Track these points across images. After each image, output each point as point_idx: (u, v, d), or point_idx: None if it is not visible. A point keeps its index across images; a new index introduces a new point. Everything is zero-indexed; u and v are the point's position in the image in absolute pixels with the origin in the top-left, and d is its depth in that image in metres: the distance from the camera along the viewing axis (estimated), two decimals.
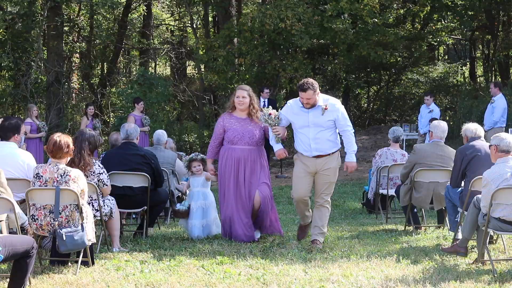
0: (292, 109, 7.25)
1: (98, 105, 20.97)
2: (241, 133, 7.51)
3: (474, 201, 6.65)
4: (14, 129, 7.17)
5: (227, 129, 7.58)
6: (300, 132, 7.23)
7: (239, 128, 7.53)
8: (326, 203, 7.34)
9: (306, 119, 7.13)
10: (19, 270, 5.17)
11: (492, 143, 6.51)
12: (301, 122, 7.18)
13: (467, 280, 5.85)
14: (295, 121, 7.23)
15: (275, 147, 7.33)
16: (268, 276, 6.02)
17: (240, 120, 7.58)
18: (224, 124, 7.61)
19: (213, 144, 7.74)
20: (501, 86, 14.06)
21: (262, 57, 18.53)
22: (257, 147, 7.58)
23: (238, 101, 7.55)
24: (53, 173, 6.18)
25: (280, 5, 17.04)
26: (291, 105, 7.29)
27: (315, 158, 7.18)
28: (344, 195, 12.81)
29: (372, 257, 6.75)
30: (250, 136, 7.52)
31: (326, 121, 7.12)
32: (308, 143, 7.17)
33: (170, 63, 27.66)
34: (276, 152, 7.36)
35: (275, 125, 7.24)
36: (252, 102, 7.55)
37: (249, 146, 7.52)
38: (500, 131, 10.67)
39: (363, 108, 25.80)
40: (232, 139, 7.54)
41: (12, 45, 18.63)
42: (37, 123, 14.16)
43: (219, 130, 7.65)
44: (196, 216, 7.99)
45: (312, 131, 7.13)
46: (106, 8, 21.64)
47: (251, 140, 7.52)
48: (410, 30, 23.85)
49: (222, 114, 7.80)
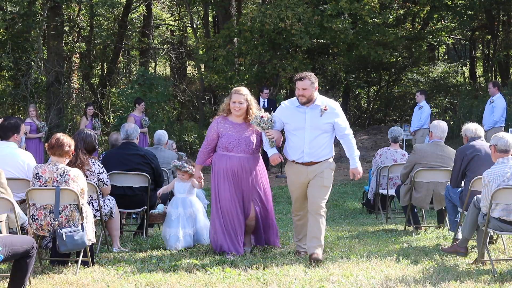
0: (288, 109, 6.78)
1: (98, 105, 20.97)
2: (237, 140, 6.88)
3: (474, 201, 6.66)
4: (14, 129, 7.18)
5: (221, 135, 6.94)
6: (294, 135, 6.72)
7: (235, 135, 6.89)
8: (322, 211, 6.69)
9: (303, 120, 6.65)
10: (19, 270, 5.17)
11: (491, 143, 6.52)
12: (296, 123, 6.69)
13: (467, 280, 5.85)
14: (290, 122, 6.73)
15: (269, 152, 6.78)
16: (268, 276, 6.02)
17: (236, 125, 6.93)
18: (218, 129, 6.96)
19: (204, 149, 7.07)
20: (499, 86, 14.08)
21: (262, 57, 18.54)
22: (253, 156, 6.96)
23: (234, 107, 6.90)
24: (52, 173, 6.18)
25: (280, 5, 17.05)
26: (286, 105, 6.84)
27: (306, 166, 6.69)
28: (344, 195, 12.81)
29: (372, 257, 6.75)
30: (246, 143, 6.90)
31: (324, 124, 6.65)
32: (301, 147, 6.66)
33: (170, 63, 27.65)
34: (271, 158, 6.76)
35: (268, 128, 6.70)
36: (250, 107, 6.91)
37: (245, 154, 6.90)
38: (500, 131, 10.69)
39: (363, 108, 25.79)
40: (226, 145, 6.90)
41: (12, 45, 18.63)
42: (36, 123, 14.17)
43: (212, 135, 6.98)
44: (174, 224, 7.36)
45: (308, 134, 6.64)
46: (106, 8, 21.63)
47: (247, 148, 6.90)
48: (410, 30, 23.85)
49: (216, 117, 7.10)
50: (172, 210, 7.42)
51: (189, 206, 7.45)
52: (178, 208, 7.41)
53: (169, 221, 7.39)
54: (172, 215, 7.39)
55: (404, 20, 24.11)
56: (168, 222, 7.39)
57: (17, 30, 18.83)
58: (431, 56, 25.72)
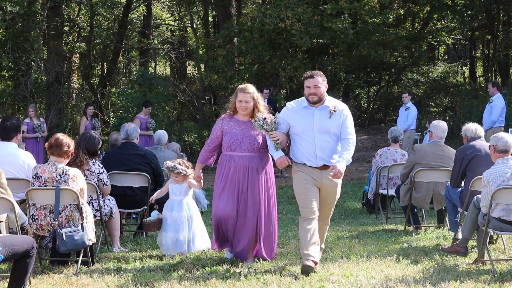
0: (294, 110, 6.34)
1: (98, 105, 20.97)
2: (240, 138, 6.50)
3: (474, 201, 6.66)
4: (16, 129, 7.21)
5: (225, 133, 6.58)
6: (302, 138, 6.28)
7: (239, 132, 6.52)
8: (327, 221, 6.62)
9: (311, 122, 6.23)
10: (19, 270, 5.18)
11: (491, 143, 6.52)
12: (304, 125, 6.25)
13: (467, 280, 5.85)
14: (297, 125, 6.29)
15: (274, 155, 6.31)
16: (268, 276, 6.02)
17: (241, 123, 6.57)
18: (222, 126, 6.61)
19: (207, 147, 6.70)
20: (499, 86, 14.13)
21: (262, 56, 18.55)
22: (259, 154, 6.53)
23: (240, 106, 6.54)
24: (51, 172, 6.19)
25: (280, 5, 17.05)
26: (293, 106, 6.39)
27: (320, 170, 6.25)
28: (344, 195, 12.80)
29: (372, 257, 6.75)
30: (250, 141, 6.49)
31: (333, 126, 6.23)
32: (313, 151, 6.22)
33: (170, 63, 27.65)
34: (277, 161, 6.27)
35: (271, 130, 6.27)
36: (257, 105, 6.56)
37: (249, 153, 6.49)
38: (499, 131, 10.70)
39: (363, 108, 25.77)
40: (230, 144, 6.53)
41: (12, 45, 18.62)
42: (34, 123, 14.15)
43: (216, 133, 6.63)
44: (169, 228, 6.93)
45: (318, 137, 6.21)
46: (106, 8, 21.63)
47: (251, 146, 6.49)
48: (410, 30, 23.85)
49: (222, 115, 6.77)
50: (167, 214, 6.97)
51: (185, 209, 6.95)
52: (173, 211, 6.95)
53: (164, 225, 6.97)
54: (167, 219, 6.95)
55: (404, 20, 24.10)
56: (163, 226, 6.97)
57: (17, 30, 18.82)
58: (431, 56, 25.71)
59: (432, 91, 23.65)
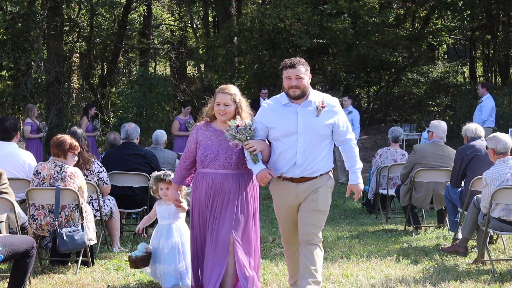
0: (272, 109, 5.15)
1: (98, 105, 20.97)
2: (215, 152, 5.27)
3: (474, 201, 6.66)
4: (15, 129, 7.26)
5: (199, 145, 5.35)
6: (282, 143, 5.08)
7: (214, 144, 5.29)
8: (317, 241, 5.07)
9: (294, 121, 5.04)
10: (19, 270, 5.18)
11: (489, 146, 6.52)
12: (286, 126, 5.05)
13: (467, 280, 5.86)
14: (278, 126, 5.08)
15: (253, 169, 5.10)
16: (268, 276, 6.02)
17: (219, 133, 5.33)
18: (197, 137, 5.39)
19: (182, 165, 5.45)
20: (489, 87, 14.32)
21: (261, 56, 18.56)
22: (237, 172, 5.28)
23: (218, 110, 5.33)
24: (50, 169, 6.25)
25: (279, 5, 17.06)
26: (270, 104, 5.20)
27: (296, 184, 5.08)
28: (344, 195, 12.78)
29: (372, 257, 6.76)
30: (226, 156, 5.26)
31: (322, 126, 5.05)
32: (292, 157, 5.04)
33: (170, 63, 27.65)
34: (257, 176, 5.09)
35: (247, 139, 5.04)
36: (238, 110, 5.31)
37: (224, 170, 5.25)
38: (489, 131, 10.75)
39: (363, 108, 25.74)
40: (202, 159, 5.31)
41: (12, 45, 18.61)
42: (37, 124, 14.16)
43: (191, 146, 5.41)
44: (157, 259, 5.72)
45: (302, 140, 5.02)
46: (106, 8, 21.63)
47: (227, 162, 5.25)
48: (410, 30, 23.84)
49: (198, 123, 5.53)
50: (155, 242, 5.77)
51: (175, 235, 5.72)
52: (160, 239, 5.74)
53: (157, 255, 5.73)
54: (156, 248, 5.75)
55: (404, 20, 24.10)
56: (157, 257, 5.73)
57: (17, 30, 18.82)
58: (431, 56, 25.70)
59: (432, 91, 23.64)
